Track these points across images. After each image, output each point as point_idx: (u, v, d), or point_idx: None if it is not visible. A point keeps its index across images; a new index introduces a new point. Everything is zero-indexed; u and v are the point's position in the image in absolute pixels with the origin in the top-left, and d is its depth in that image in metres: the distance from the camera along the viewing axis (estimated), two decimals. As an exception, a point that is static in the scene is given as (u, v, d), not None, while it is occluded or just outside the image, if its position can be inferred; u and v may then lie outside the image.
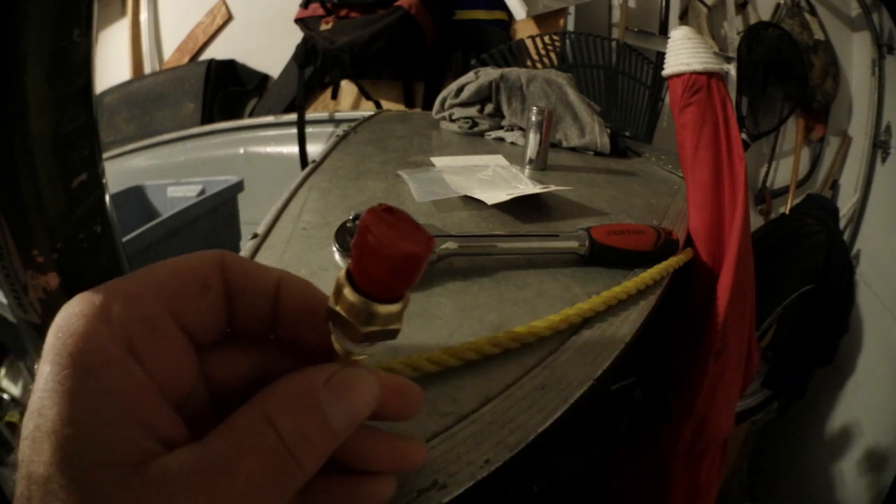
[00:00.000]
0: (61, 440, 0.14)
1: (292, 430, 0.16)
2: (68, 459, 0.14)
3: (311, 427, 0.17)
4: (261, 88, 1.59)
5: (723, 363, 0.49)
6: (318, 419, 0.17)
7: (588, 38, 1.15)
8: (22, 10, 0.31)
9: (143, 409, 0.16)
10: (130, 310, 0.16)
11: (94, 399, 0.15)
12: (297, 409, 0.17)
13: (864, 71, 1.20)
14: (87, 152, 0.38)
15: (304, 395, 0.17)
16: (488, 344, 0.29)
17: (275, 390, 0.17)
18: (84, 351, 0.15)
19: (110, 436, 0.15)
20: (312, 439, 0.17)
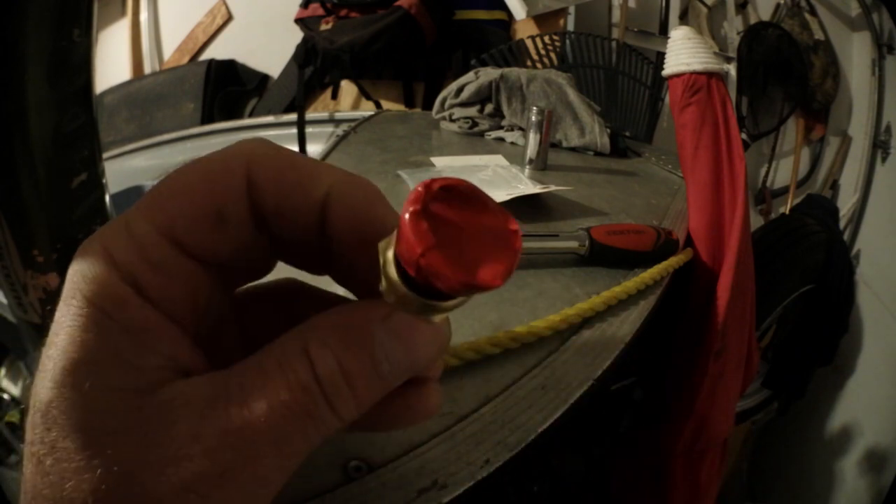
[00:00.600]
0: (68, 364, 0.13)
1: (331, 367, 0.14)
2: (74, 383, 0.13)
3: (355, 367, 0.14)
4: (261, 88, 1.58)
5: (723, 363, 0.49)
6: (366, 360, 0.14)
7: (588, 38, 1.15)
8: (22, 11, 0.31)
9: (160, 340, 0.14)
10: (136, 254, 0.14)
11: (108, 331, 0.14)
12: (342, 344, 0.14)
13: (864, 71, 1.20)
14: (87, 152, 0.38)
15: (354, 328, 0.14)
16: (488, 344, 0.29)
17: (321, 319, 0.15)
18: (99, 294, 0.14)
19: (123, 362, 0.14)
20: (355, 382, 0.14)
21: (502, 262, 0.12)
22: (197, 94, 1.53)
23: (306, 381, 0.14)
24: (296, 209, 0.16)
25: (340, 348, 0.14)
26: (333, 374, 0.14)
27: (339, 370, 0.14)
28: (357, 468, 0.23)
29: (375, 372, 0.14)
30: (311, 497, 0.21)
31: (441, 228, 0.12)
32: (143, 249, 0.14)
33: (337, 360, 0.14)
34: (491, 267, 0.12)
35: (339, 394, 0.14)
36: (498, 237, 0.13)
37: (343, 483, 0.22)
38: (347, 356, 0.14)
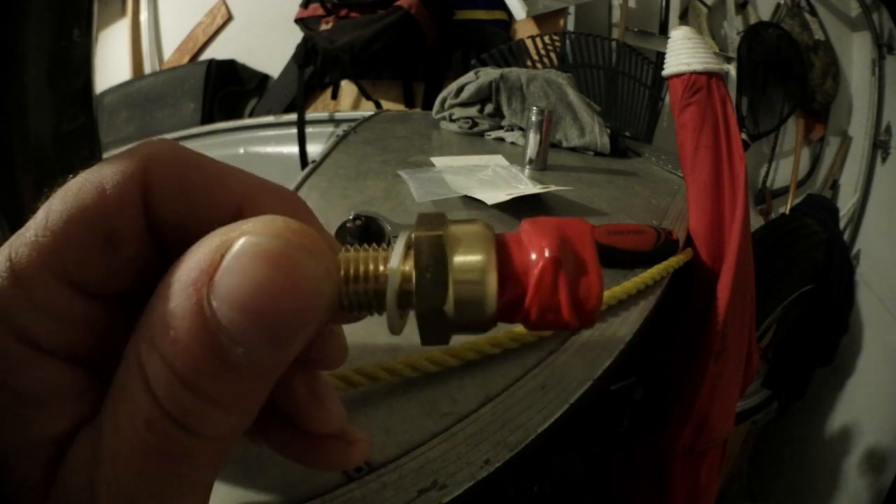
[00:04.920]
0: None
1: (167, 382, 0.10)
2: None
3: (196, 371, 0.10)
4: (261, 88, 1.58)
5: (723, 363, 0.49)
6: (207, 353, 0.10)
7: (588, 38, 1.15)
8: (22, 11, 0.31)
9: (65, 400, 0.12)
10: (17, 294, 0.11)
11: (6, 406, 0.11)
12: (170, 340, 0.10)
13: (864, 71, 1.20)
14: (87, 152, 0.38)
15: (179, 306, 0.10)
16: (488, 344, 0.29)
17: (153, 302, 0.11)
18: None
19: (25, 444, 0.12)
20: (205, 390, 0.10)
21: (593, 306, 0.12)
22: (197, 94, 1.53)
23: (146, 410, 0.10)
24: (201, 220, 0.13)
25: (169, 346, 0.10)
26: (172, 387, 0.10)
27: (177, 380, 0.10)
28: (357, 468, 0.23)
29: (224, 364, 0.10)
30: (311, 497, 0.21)
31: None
32: (29, 292, 0.12)
33: (168, 366, 0.10)
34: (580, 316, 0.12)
35: (191, 412, 0.10)
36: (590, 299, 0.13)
37: (343, 483, 0.22)
38: (179, 356, 0.10)
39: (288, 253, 0.10)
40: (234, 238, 0.10)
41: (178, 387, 0.10)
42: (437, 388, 0.27)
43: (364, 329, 0.32)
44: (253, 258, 0.10)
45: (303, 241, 0.11)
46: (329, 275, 0.11)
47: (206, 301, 0.10)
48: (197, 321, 0.10)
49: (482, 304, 0.11)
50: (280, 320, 0.10)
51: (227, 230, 0.11)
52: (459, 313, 0.12)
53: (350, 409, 0.25)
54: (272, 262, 0.10)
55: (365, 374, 0.26)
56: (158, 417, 0.10)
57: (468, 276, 0.11)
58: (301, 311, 0.10)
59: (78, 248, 0.12)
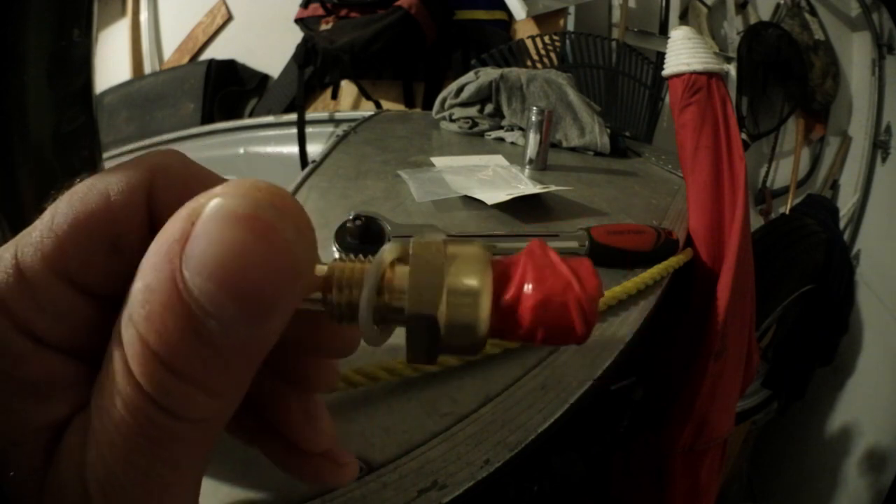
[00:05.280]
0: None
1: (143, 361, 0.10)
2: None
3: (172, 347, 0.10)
4: (261, 88, 1.58)
5: (723, 363, 0.49)
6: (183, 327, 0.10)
7: (588, 38, 1.15)
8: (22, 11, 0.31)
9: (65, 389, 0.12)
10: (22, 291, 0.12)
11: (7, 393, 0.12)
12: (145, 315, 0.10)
13: (864, 71, 1.20)
14: (87, 152, 0.38)
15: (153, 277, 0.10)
16: (489, 343, 0.29)
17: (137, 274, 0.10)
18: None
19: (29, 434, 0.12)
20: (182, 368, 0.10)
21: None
22: (197, 94, 1.53)
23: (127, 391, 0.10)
24: None
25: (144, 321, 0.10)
26: (149, 365, 0.10)
27: (153, 358, 0.10)
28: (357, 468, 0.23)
29: (201, 339, 0.10)
30: (311, 497, 0.21)
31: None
32: (33, 290, 0.12)
33: (143, 342, 0.10)
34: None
35: (170, 392, 0.10)
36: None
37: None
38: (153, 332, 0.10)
39: (257, 214, 0.10)
40: (204, 203, 0.10)
41: (156, 366, 0.10)
42: (437, 388, 0.27)
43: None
44: (221, 221, 0.10)
45: (273, 199, 0.10)
46: (302, 235, 0.10)
47: (179, 272, 0.10)
48: (169, 294, 0.10)
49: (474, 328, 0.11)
50: (253, 289, 0.10)
51: (199, 197, 0.10)
52: (450, 334, 0.11)
53: (350, 409, 0.25)
54: (241, 224, 0.10)
55: (365, 374, 0.26)
56: (138, 399, 0.10)
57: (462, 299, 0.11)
58: (275, 278, 0.10)
59: (81, 252, 0.12)
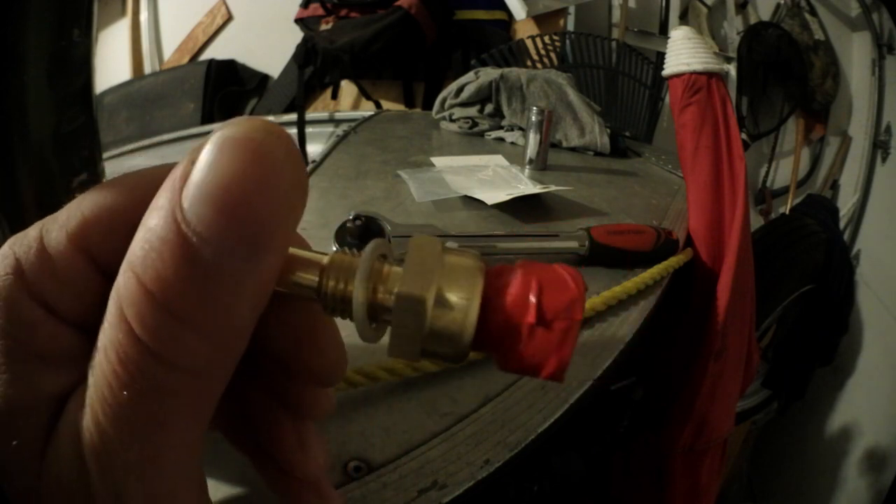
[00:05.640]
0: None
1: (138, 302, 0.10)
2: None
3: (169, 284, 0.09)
4: (261, 88, 1.58)
5: (723, 363, 0.49)
6: (181, 260, 0.09)
7: (588, 38, 1.15)
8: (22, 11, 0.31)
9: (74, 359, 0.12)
10: (43, 264, 0.12)
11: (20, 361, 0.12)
12: (143, 252, 0.10)
13: (864, 71, 1.20)
14: (87, 152, 0.38)
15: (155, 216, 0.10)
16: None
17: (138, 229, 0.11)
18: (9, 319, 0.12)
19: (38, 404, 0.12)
20: (178, 306, 0.10)
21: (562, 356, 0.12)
22: (197, 94, 1.53)
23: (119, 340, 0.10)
24: None
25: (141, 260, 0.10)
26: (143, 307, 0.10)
27: (148, 297, 0.09)
28: (357, 468, 0.23)
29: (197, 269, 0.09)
30: (311, 497, 0.21)
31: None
32: (54, 264, 0.12)
33: (139, 282, 0.10)
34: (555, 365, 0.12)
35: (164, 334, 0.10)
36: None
37: (343, 483, 0.22)
38: (150, 267, 0.09)
39: (252, 136, 0.10)
40: (210, 136, 0.10)
41: (150, 305, 0.10)
42: (437, 388, 0.27)
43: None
44: (218, 147, 0.10)
45: (265, 126, 0.10)
46: (291, 157, 0.10)
47: (178, 205, 0.10)
48: (168, 227, 0.10)
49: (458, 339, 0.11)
50: (249, 208, 0.10)
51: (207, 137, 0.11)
52: (433, 341, 0.12)
53: (350, 409, 0.25)
54: (237, 146, 0.10)
55: (365, 374, 0.26)
56: (130, 346, 0.10)
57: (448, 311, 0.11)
58: (270, 198, 0.10)
59: (104, 231, 0.12)
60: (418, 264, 0.12)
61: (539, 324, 0.11)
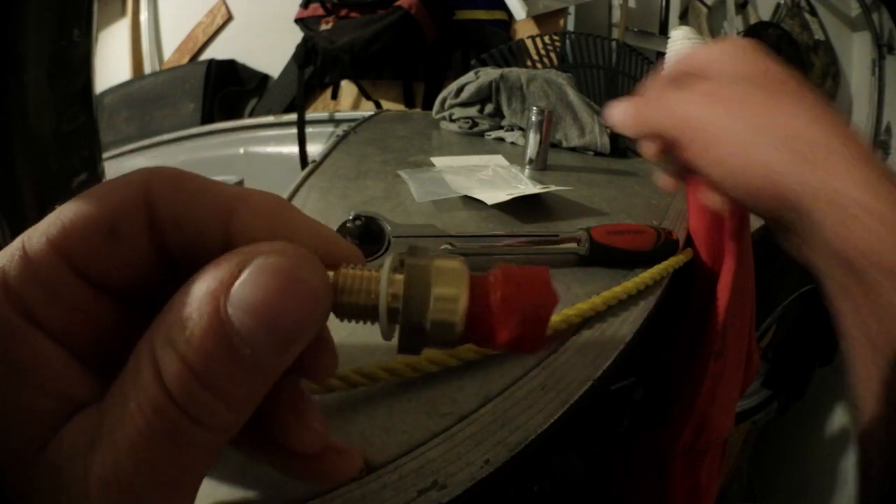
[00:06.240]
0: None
1: (178, 371, 0.11)
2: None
3: (207, 363, 0.12)
4: (261, 88, 1.58)
5: (723, 363, 0.49)
6: (218, 349, 0.12)
7: (588, 38, 1.15)
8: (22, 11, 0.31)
9: (53, 378, 0.13)
10: (26, 271, 0.13)
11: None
12: (187, 339, 0.12)
13: (864, 71, 1.20)
14: (87, 152, 0.38)
15: (197, 312, 0.12)
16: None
17: (170, 303, 0.12)
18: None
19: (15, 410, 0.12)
20: (212, 381, 0.12)
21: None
22: (197, 94, 1.53)
23: (157, 399, 0.12)
24: (196, 223, 0.14)
25: (185, 343, 0.12)
26: (183, 379, 0.11)
27: (189, 372, 0.11)
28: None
29: (234, 361, 0.12)
30: (311, 497, 0.21)
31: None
32: (37, 271, 0.13)
33: (182, 360, 0.12)
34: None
35: (198, 401, 0.12)
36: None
37: (343, 483, 0.22)
38: (194, 352, 0.12)
39: (294, 269, 0.12)
40: (252, 257, 0.12)
41: (190, 379, 0.12)
42: (437, 388, 0.27)
43: (364, 330, 0.32)
44: (266, 272, 0.12)
45: (308, 259, 0.13)
46: (327, 290, 0.13)
47: (223, 307, 0.12)
48: (213, 323, 0.12)
49: (453, 326, 0.14)
50: (284, 325, 0.12)
51: (246, 250, 0.13)
52: (434, 331, 0.14)
53: (350, 409, 0.25)
54: (281, 275, 0.12)
55: (365, 375, 0.26)
56: (167, 405, 0.12)
57: (444, 304, 0.14)
58: (302, 318, 0.12)
59: (83, 234, 0.13)
60: (416, 276, 0.14)
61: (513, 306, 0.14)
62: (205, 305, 0.12)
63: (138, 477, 0.12)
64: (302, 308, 0.12)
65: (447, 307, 0.14)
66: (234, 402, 0.12)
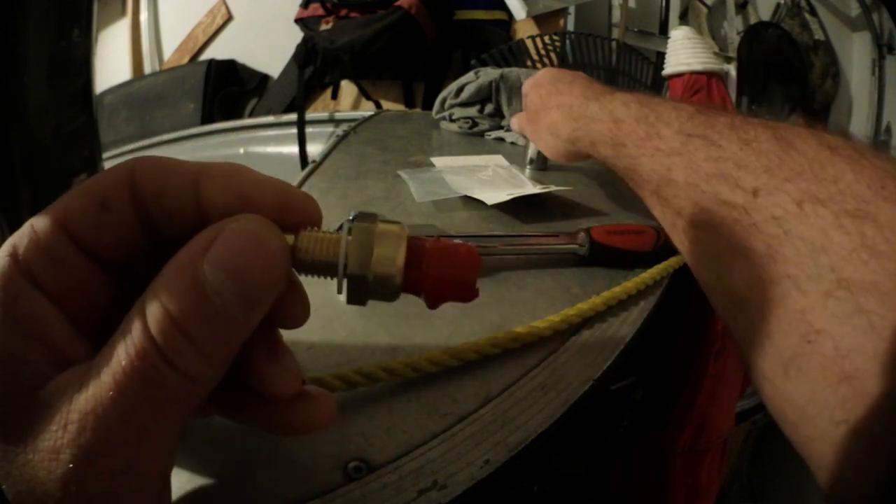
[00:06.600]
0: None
1: (160, 318, 0.13)
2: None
3: (183, 311, 0.13)
4: (261, 88, 1.58)
5: (723, 363, 0.49)
6: (194, 299, 0.13)
7: (588, 38, 1.15)
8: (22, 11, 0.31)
9: (48, 332, 0.15)
10: (32, 242, 0.15)
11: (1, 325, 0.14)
12: (168, 289, 0.14)
13: (864, 71, 1.20)
14: (87, 152, 0.38)
15: (179, 271, 0.14)
16: (488, 344, 0.29)
17: (160, 272, 0.14)
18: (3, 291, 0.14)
19: (13, 358, 0.14)
20: (188, 327, 0.13)
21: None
22: (197, 94, 1.53)
23: (141, 342, 0.13)
24: (172, 193, 0.16)
25: (167, 295, 0.13)
26: (164, 326, 0.13)
27: (169, 319, 0.13)
28: (357, 468, 0.23)
29: (208, 311, 0.14)
30: (311, 497, 0.21)
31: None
32: (41, 241, 0.15)
33: (164, 309, 0.13)
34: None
35: (176, 347, 0.13)
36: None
37: (343, 483, 0.22)
38: (174, 302, 0.13)
39: (256, 232, 0.15)
40: (224, 226, 0.15)
41: (170, 325, 0.13)
42: (437, 389, 0.27)
43: (364, 329, 0.32)
44: (233, 235, 0.14)
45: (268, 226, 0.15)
46: (284, 249, 0.15)
47: (200, 265, 0.14)
48: (191, 278, 0.14)
49: (392, 278, 0.17)
50: (249, 278, 0.14)
51: (222, 222, 0.15)
52: (376, 282, 0.17)
53: (350, 409, 0.25)
54: (245, 237, 0.14)
55: (365, 375, 0.26)
56: (150, 349, 0.13)
57: (384, 259, 0.17)
58: (263, 272, 0.14)
59: (79, 209, 0.16)
60: (361, 238, 0.17)
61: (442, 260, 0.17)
62: (185, 265, 0.14)
63: (114, 410, 0.13)
64: (263, 263, 0.14)
65: (386, 262, 0.17)
66: (208, 351, 0.14)
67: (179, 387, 0.14)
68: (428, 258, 0.17)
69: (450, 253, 0.17)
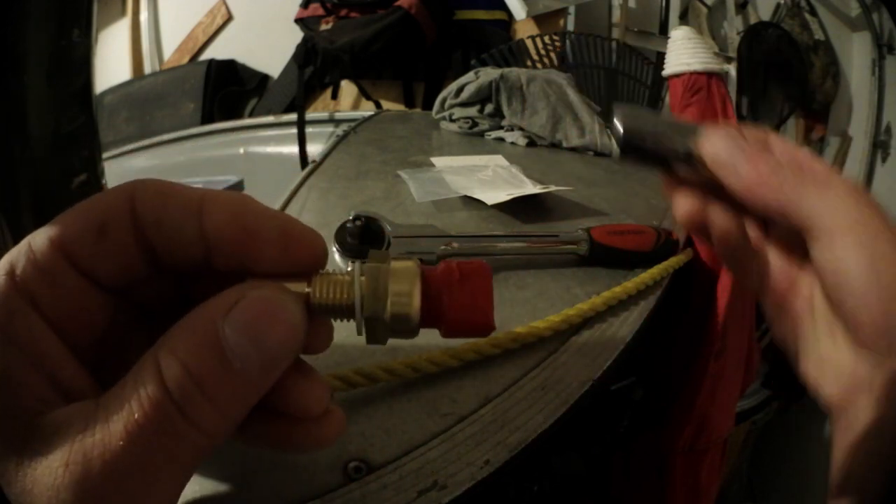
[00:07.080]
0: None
1: (178, 374, 0.13)
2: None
3: (203, 370, 0.14)
4: (261, 88, 1.58)
5: (723, 363, 0.49)
6: (214, 359, 0.14)
7: (588, 38, 1.15)
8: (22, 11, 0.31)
9: (45, 356, 0.15)
10: (30, 262, 0.15)
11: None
12: (187, 346, 0.14)
13: (864, 71, 1.20)
14: (87, 152, 0.38)
15: (199, 329, 0.14)
16: (488, 344, 0.29)
17: (178, 324, 0.15)
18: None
19: (9, 385, 0.14)
20: (206, 386, 0.14)
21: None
22: (197, 94, 1.53)
23: (156, 394, 0.13)
24: (173, 219, 0.16)
25: (185, 352, 0.14)
26: (181, 381, 0.13)
27: (187, 376, 0.13)
28: (357, 469, 0.23)
29: (227, 371, 0.14)
30: (311, 498, 0.21)
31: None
32: (39, 262, 0.15)
33: (183, 365, 0.14)
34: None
35: (192, 402, 0.14)
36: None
37: (343, 484, 0.22)
38: (193, 359, 0.14)
39: (277, 299, 0.15)
40: (246, 292, 0.15)
41: (187, 381, 0.14)
42: (437, 389, 0.27)
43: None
44: (256, 301, 0.15)
45: (288, 292, 0.16)
46: (303, 316, 0.16)
47: (220, 326, 0.14)
48: (211, 338, 0.14)
49: (409, 317, 0.17)
50: (269, 343, 0.15)
51: (242, 287, 0.15)
52: (394, 322, 0.17)
53: (350, 409, 0.25)
54: (267, 304, 0.15)
55: (364, 375, 0.26)
56: (165, 400, 0.13)
57: (400, 298, 0.17)
58: (284, 343, 0.15)
59: (76, 231, 0.16)
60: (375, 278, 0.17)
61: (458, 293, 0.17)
62: (205, 324, 0.14)
63: (125, 457, 0.13)
64: (284, 333, 0.15)
65: (403, 301, 0.17)
66: (224, 408, 0.14)
67: (192, 439, 0.14)
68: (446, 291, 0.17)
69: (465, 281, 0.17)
